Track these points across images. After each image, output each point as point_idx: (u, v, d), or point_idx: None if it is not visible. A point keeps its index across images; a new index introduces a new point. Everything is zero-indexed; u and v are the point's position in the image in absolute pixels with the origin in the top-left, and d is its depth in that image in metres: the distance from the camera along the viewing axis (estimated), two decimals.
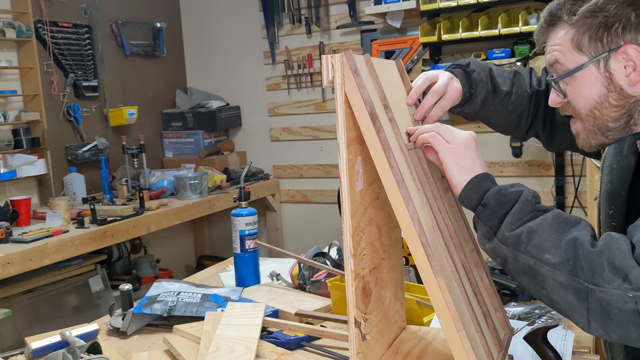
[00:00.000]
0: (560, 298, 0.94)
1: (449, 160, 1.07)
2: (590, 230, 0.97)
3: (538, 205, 1.01)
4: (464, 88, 1.29)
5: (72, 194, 3.49)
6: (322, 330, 1.46)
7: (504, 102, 1.35)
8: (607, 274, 0.90)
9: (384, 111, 1.05)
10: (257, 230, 1.96)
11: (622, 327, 0.90)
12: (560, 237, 0.95)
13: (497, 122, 1.41)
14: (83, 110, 3.79)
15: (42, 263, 2.75)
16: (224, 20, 4.50)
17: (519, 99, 1.36)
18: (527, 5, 3.39)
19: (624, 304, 0.88)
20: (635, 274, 0.88)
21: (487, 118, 1.38)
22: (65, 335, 1.44)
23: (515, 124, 1.40)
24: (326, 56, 0.99)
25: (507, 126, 1.42)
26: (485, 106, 1.34)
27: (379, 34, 3.95)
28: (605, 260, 0.91)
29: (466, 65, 1.33)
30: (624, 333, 0.91)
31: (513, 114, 1.37)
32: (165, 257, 4.20)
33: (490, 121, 1.41)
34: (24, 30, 3.33)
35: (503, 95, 1.34)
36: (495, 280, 1.72)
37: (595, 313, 0.91)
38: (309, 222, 4.38)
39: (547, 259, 0.94)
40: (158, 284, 1.79)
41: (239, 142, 4.58)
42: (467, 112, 1.34)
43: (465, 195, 1.05)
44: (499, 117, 1.38)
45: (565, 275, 0.93)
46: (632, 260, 0.90)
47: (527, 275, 0.97)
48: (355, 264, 0.98)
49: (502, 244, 0.99)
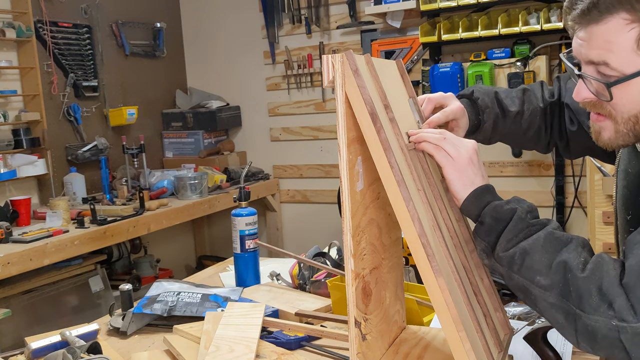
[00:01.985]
0: (551, 317, 0.97)
1: (452, 176, 1.08)
2: (581, 249, 0.97)
3: (533, 221, 1.02)
4: (470, 116, 1.29)
5: (72, 194, 3.49)
6: (322, 330, 1.46)
7: (516, 122, 1.33)
8: (594, 300, 0.91)
9: (384, 111, 1.05)
10: (257, 230, 1.96)
11: (607, 349, 0.93)
12: (551, 257, 0.97)
13: (515, 141, 1.40)
14: (83, 110, 3.79)
15: (42, 263, 2.75)
16: (224, 20, 4.50)
17: (531, 115, 1.34)
18: (527, 5, 3.39)
19: (608, 331, 0.90)
20: (619, 303, 0.89)
21: (503, 140, 1.37)
22: (65, 335, 1.44)
23: (534, 140, 1.38)
24: (327, 56, 0.99)
25: (527, 143, 1.40)
26: (497, 130, 1.33)
27: (379, 34, 3.94)
28: (593, 285, 0.92)
29: (470, 93, 1.32)
30: (610, 354, 0.93)
31: (529, 131, 1.35)
32: (165, 257, 4.20)
33: (508, 141, 1.40)
34: (24, 30, 3.33)
35: (514, 116, 1.33)
36: (495, 281, 1.72)
37: (583, 335, 0.93)
38: (309, 222, 4.37)
39: (538, 281, 0.97)
40: (158, 284, 1.79)
41: (239, 142, 4.58)
42: (480, 139, 1.32)
43: (466, 208, 1.08)
44: (515, 137, 1.37)
45: (556, 297, 0.95)
46: (619, 287, 0.90)
47: (522, 293, 1.01)
48: (355, 264, 0.98)
49: (497, 263, 1.03)
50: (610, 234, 2.94)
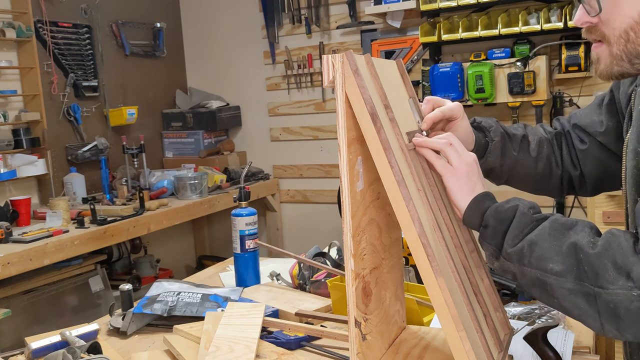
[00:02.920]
0: (571, 304, 0.94)
1: (452, 184, 1.07)
2: (588, 229, 0.96)
3: (536, 215, 1.01)
4: (477, 138, 1.26)
5: (72, 194, 3.49)
6: (322, 330, 1.46)
7: (523, 147, 1.30)
8: (611, 274, 0.89)
9: (384, 111, 1.05)
10: (257, 230, 1.96)
11: (633, 326, 0.90)
12: (560, 243, 0.95)
13: (526, 175, 1.33)
14: (83, 110, 3.79)
15: (42, 263, 2.75)
16: (224, 21, 4.50)
17: (539, 144, 1.31)
18: (527, 5, 3.39)
19: (630, 303, 0.88)
20: (637, 271, 0.87)
21: (514, 170, 1.31)
22: (65, 335, 1.44)
23: (547, 176, 1.34)
24: (327, 56, 0.99)
25: (540, 179, 1.35)
26: (506, 153, 1.28)
27: (379, 34, 3.95)
28: (608, 260, 0.90)
29: (472, 121, 1.30)
30: (637, 332, 0.90)
31: (540, 162, 1.32)
32: (165, 257, 4.20)
33: (519, 174, 1.33)
34: (24, 30, 3.33)
35: (520, 139, 1.30)
36: (495, 280, 1.72)
37: (606, 315, 0.91)
38: (309, 222, 4.38)
39: (552, 268, 0.94)
40: (158, 284, 1.79)
41: (239, 142, 4.58)
42: (490, 162, 1.28)
43: (468, 218, 1.07)
44: (526, 167, 1.32)
45: (572, 281, 0.93)
46: (634, 256, 0.89)
47: (537, 287, 0.98)
48: (355, 264, 0.98)
49: (507, 261, 1.01)
50: None
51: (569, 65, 3.30)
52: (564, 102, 3.43)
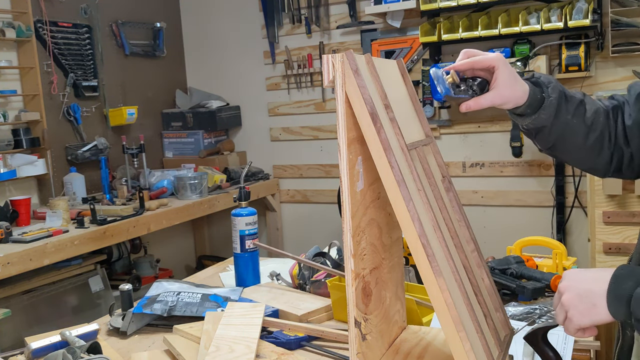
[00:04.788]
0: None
1: (581, 322, 0.99)
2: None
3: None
4: (532, 93, 1.18)
5: (72, 194, 3.49)
6: (322, 330, 1.46)
7: (579, 112, 1.21)
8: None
9: (384, 111, 1.05)
10: (257, 230, 1.96)
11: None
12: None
13: (575, 144, 1.24)
14: (83, 110, 3.79)
15: (42, 263, 2.74)
16: (224, 20, 4.50)
17: (595, 113, 1.22)
18: (527, 5, 3.39)
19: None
20: None
21: (563, 136, 1.22)
22: (65, 335, 1.44)
23: (596, 150, 1.24)
24: (327, 56, 0.98)
25: (589, 153, 1.25)
26: (560, 113, 1.19)
27: (379, 34, 3.94)
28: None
29: (531, 76, 1.23)
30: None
31: (592, 134, 1.22)
32: (165, 257, 4.20)
33: (568, 142, 1.24)
34: (24, 30, 3.33)
35: (577, 103, 1.21)
36: (495, 281, 1.72)
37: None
38: (309, 222, 4.37)
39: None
40: (158, 284, 1.79)
41: (239, 142, 4.58)
42: (542, 120, 1.19)
43: (617, 317, 0.98)
44: (577, 135, 1.22)
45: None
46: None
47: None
48: (355, 264, 0.98)
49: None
50: (610, 234, 2.94)
51: (569, 65, 3.30)
52: None
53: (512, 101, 1.17)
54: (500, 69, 1.15)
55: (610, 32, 3.16)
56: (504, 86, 1.15)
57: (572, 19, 3.14)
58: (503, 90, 1.15)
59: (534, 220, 3.61)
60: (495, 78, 1.15)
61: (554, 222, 3.54)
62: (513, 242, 2.08)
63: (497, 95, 1.15)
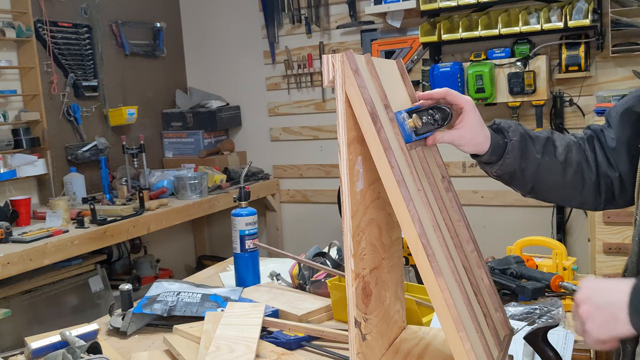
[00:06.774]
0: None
1: (599, 335, 0.98)
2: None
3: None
4: (494, 138, 1.18)
5: (72, 194, 3.49)
6: (322, 330, 1.46)
7: (548, 150, 1.21)
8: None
9: (384, 111, 1.05)
10: (257, 230, 1.96)
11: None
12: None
13: (554, 182, 1.23)
14: (83, 110, 3.79)
15: (42, 263, 2.74)
16: (224, 20, 4.50)
17: (567, 148, 1.21)
18: (527, 5, 3.39)
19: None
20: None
21: (539, 176, 1.21)
22: (65, 335, 1.44)
23: (578, 184, 1.23)
24: (327, 56, 0.98)
25: (571, 188, 1.24)
26: (527, 153, 1.19)
27: (379, 34, 3.94)
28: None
29: (492, 123, 1.23)
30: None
31: (569, 168, 1.21)
32: (165, 257, 4.20)
33: (546, 181, 1.23)
34: (24, 30, 3.33)
35: (543, 141, 1.21)
36: (495, 281, 1.72)
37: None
38: (309, 222, 4.37)
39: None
40: (158, 284, 1.79)
41: (239, 142, 4.58)
42: (509, 164, 1.19)
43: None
44: (552, 173, 1.21)
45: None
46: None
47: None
48: (355, 264, 0.98)
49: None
50: (610, 234, 2.94)
51: (569, 65, 3.30)
52: (564, 102, 3.43)
53: (471, 145, 1.18)
54: (469, 112, 1.17)
55: (610, 32, 3.17)
56: (467, 129, 1.17)
57: (572, 19, 3.14)
58: (465, 132, 1.17)
59: (534, 220, 3.61)
60: (462, 119, 1.17)
61: (554, 222, 3.54)
62: (513, 242, 2.08)
63: (458, 136, 1.17)
